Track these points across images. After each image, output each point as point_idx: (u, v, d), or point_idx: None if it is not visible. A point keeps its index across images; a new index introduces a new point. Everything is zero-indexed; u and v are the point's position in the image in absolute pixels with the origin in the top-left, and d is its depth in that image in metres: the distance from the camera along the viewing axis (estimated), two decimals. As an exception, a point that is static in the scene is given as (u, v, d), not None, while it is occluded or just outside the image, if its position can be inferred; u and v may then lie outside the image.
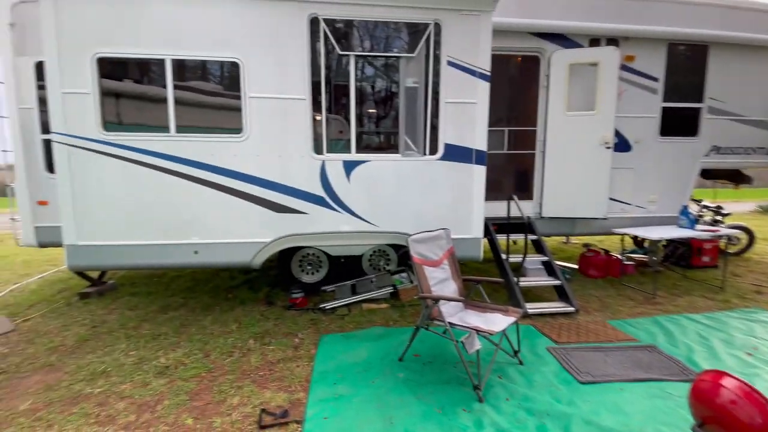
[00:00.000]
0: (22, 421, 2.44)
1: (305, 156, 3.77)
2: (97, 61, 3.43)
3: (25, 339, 3.68)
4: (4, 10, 4.16)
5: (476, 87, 3.90)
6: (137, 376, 2.98)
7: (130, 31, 3.45)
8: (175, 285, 5.31)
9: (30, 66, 4.27)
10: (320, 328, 3.84)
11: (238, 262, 3.89)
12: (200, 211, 3.71)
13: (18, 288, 5.34)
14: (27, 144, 4.31)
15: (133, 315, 4.21)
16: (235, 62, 3.58)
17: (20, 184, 4.35)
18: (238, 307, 4.41)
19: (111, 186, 3.57)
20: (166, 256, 3.73)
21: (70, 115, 3.44)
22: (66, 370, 3.08)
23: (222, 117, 3.73)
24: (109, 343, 3.55)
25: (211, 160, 3.66)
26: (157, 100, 3.61)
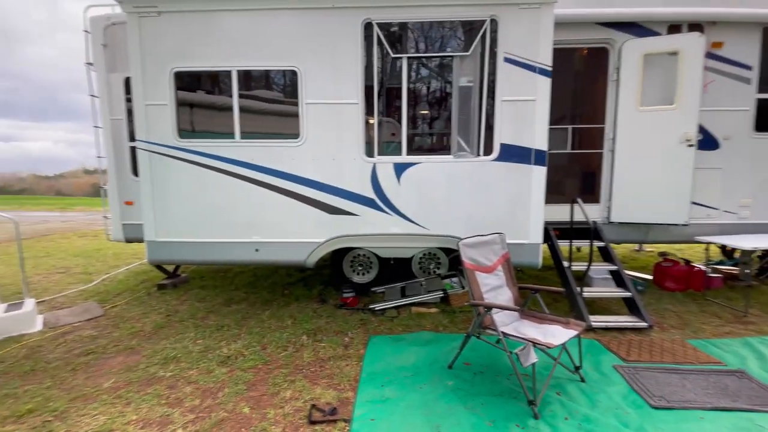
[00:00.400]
0: (105, 398, 2.76)
1: (357, 159, 3.83)
2: (174, 75, 3.79)
3: (112, 324, 4.16)
4: (98, 33, 4.76)
5: (536, 83, 3.69)
6: (202, 364, 3.22)
7: (201, 47, 3.76)
8: (239, 280, 5.69)
9: (120, 81, 4.83)
10: (369, 328, 3.87)
11: (294, 261, 4.06)
12: (261, 212, 3.94)
13: (108, 278, 6.06)
14: (117, 150, 4.89)
15: (202, 306, 4.58)
16: (293, 71, 3.75)
17: (111, 186, 4.94)
18: (294, 304, 4.61)
19: (184, 188, 3.92)
20: (230, 253, 4.01)
21: (151, 124, 3.84)
22: (144, 354, 3.43)
23: (281, 123, 3.92)
24: (180, 331, 3.89)
25: (271, 164, 3.87)
26: (224, 108, 3.89)
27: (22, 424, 2.46)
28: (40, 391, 2.83)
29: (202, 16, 3.73)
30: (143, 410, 2.60)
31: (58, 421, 2.49)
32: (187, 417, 2.51)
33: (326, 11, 3.67)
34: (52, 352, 3.51)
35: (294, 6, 3.67)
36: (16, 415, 2.54)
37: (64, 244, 9.16)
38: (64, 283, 5.80)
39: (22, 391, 2.85)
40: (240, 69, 3.77)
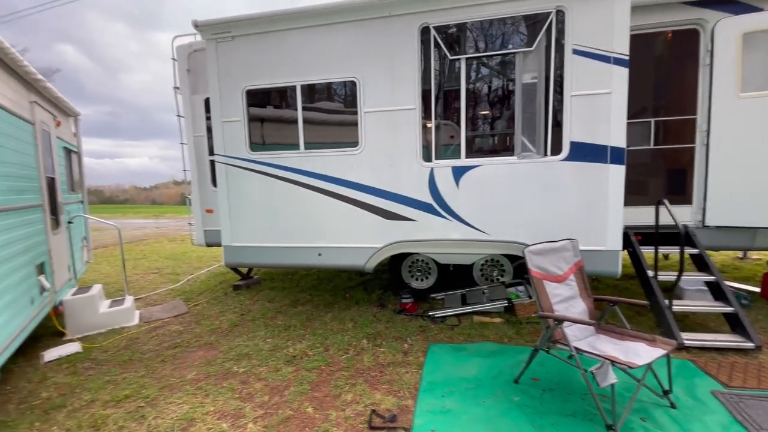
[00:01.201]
0: (188, 389, 3.04)
1: (414, 164, 3.81)
2: (246, 93, 4.11)
3: (195, 320, 4.59)
4: (183, 59, 5.33)
5: (611, 75, 3.38)
6: (271, 362, 3.41)
7: (268, 65, 4.03)
8: (304, 282, 5.97)
9: (201, 102, 5.36)
10: (429, 335, 3.81)
11: (354, 265, 4.14)
12: (323, 218, 4.09)
13: (192, 278, 6.73)
14: (199, 164, 5.41)
15: (271, 307, 4.88)
16: (353, 81, 3.86)
17: (194, 195, 5.48)
18: (354, 307, 4.70)
19: (255, 197, 4.22)
20: (296, 257, 4.22)
21: (227, 139, 4.20)
22: (221, 349, 3.73)
23: (341, 132, 4.05)
24: (252, 330, 4.17)
25: (332, 172, 4.01)
26: (289, 121, 4.12)
27: (120, 408, 2.80)
28: (135, 379, 3.20)
29: (268, 36, 4.00)
30: (219, 402, 2.82)
31: (150, 408, 2.79)
32: (257, 412, 2.67)
33: (383, 20, 3.72)
34: (146, 344, 3.96)
35: (351, 19, 3.78)
36: (116, 399, 2.90)
37: (157, 248, 10.38)
38: (156, 282, 6.56)
39: (121, 378, 3.25)
40: (303, 83, 3.97)
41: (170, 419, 2.63)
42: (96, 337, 4.17)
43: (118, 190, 65.88)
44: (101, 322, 4.40)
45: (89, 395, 2.97)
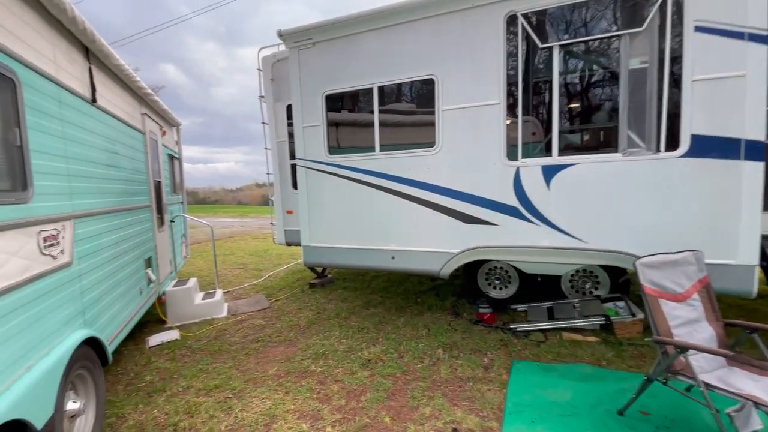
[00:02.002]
0: (270, 384, 3.14)
1: (497, 163, 3.54)
2: (325, 98, 4.19)
3: (275, 316, 4.81)
4: (267, 69, 5.65)
5: (745, 54, 2.79)
6: (347, 364, 3.40)
7: (346, 68, 4.07)
8: (375, 284, 5.97)
9: (283, 109, 5.64)
10: (511, 351, 3.50)
11: (428, 270, 3.99)
12: (397, 221, 4.00)
13: (273, 275, 7.13)
14: (281, 168, 5.70)
15: (345, 307, 4.93)
16: (430, 78, 3.72)
17: (276, 197, 5.79)
18: (426, 313, 4.54)
19: (331, 199, 4.28)
20: (369, 259, 4.19)
21: (307, 143, 4.33)
22: (299, 347, 3.83)
23: (417, 133, 3.93)
24: (327, 329, 4.23)
25: (408, 174, 3.91)
26: (365, 124, 4.12)
27: (210, 397, 2.98)
28: (224, 370, 3.41)
29: (346, 40, 4.03)
30: (299, 401, 2.86)
31: (236, 399, 2.93)
32: (334, 416, 2.65)
33: (464, 12, 3.52)
34: (233, 335, 4.23)
35: (431, 14, 3.64)
36: (207, 388, 3.10)
37: (242, 245, 11.27)
38: (242, 277, 7.06)
39: (211, 367, 3.48)
40: (380, 84, 3.93)
41: (254, 413, 2.73)
42: (191, 326, 4.56)
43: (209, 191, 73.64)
44: (196, 313, 4.81)
45: (185, 382, 3.22)
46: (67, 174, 2.40)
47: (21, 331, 1.79)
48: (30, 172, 1.96)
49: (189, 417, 2.72)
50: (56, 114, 2.30)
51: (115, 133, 3.38)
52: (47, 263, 2.06)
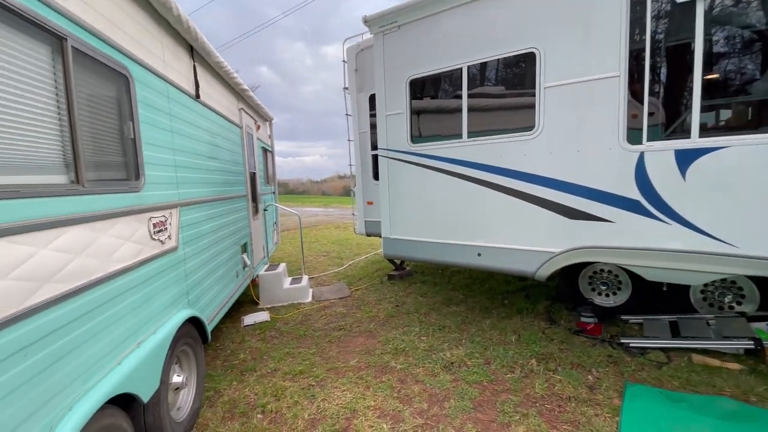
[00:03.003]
0: (351, 376, 3.10)
1: (614, 148, 2.98)
2: (409, 83, 3.99)
3: (356, 305, 4.84)
4: (352, 60, 5.63)
5: None
6: (428, 364, 3.23)
7: (432, 50, 3.80)
8: (456, 280, 5.68)
9: (365, 99, 5.59)
10: (623, 371, 2.97)
11: (521, 271, 3.59)
12: (485, 214, 3.66)
13: (353, 264, 7.26)
14: (363, 159, 5.69)
15: (424, 302, 4.75)
16: (530, 53, 3.27)
17: (357, 188, 5.81)
18: (516, 316, 4.14)
19: (413, 190, 4.10)
20: (452, 255, 3.92)
21: (390, 132, 4.19)
22: (379, 339, 3.76)
23: (511, 116, 3.52)
24: (407, 324, 4.10)
25: (499, 162, 3.53)
26: (451, 109, 3.82)
27: (296, 382, 3.05)
28: (308, 356, 3.48)
29: (433, 19, 3.76)
30: (379, 398, 2.76)
31: (318, 388, 2.95)
32: (416, 420, 2.50)
33: (575, -29, 2.99)
34: (317, 321, 4.34)
35: (533, -22, 3.17)
36: (292, 373, 3.18)
37: (326, 233, 11.78)
38: (325, 264, 7.33)
39: (297, 352, 3.59)
40: (471, 64, 3.59)
41: (335, 405, 2.71)
42: (280, 309, 4.82)
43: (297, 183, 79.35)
44: (284, 297, 5.08)
45: (273, 364, 3.36)
46: (174, 165, 2.58)
47: (133, 310, 1.94)
48: (142, 163, 2.12)
49: (275, 400, 2.81)
50: (165, 109, 2.47)
51: (215, 127, 3.62)
52: (156, 248, 2.23)
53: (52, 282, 1.37)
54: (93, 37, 1.70)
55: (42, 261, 1.32)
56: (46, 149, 1.44)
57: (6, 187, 1.22)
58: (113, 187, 1.84)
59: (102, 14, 1.79)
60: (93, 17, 1.71)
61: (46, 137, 1.44)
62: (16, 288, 1.21)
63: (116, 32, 1.90)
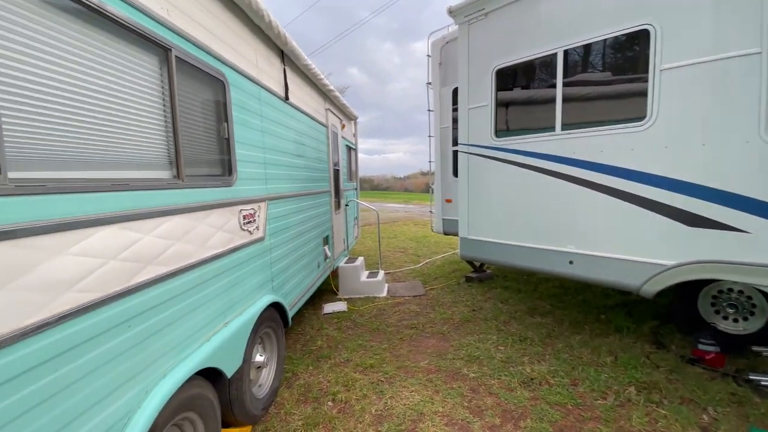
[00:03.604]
0: (420, 377, 3.04)
1: (753, 141, 2.38)
2: (496, 73, 3.74)
3: (430, 305, 4.75)
4: (436, 54, 5.49)
5: None
6: (504, 376, 3.00)
7: (523, 35, 3.49)
8: (543, 288, 5.21)
9: (448, 94, 5.42)
10: (749, 413, 2.40)
11: (622, 284, 3.11)
12: (580, 217, 3.26)
13: (429, 262, 7.15)
14: (443, 155, 5.54)
15: (504, 309, 4.45)
16: (643, 30, 2.79)
17: (436, 185, 5.68)
18: (613, 335, 3.63)
19: (495, 188, 3.84)
20: (538, 261, 3.58)
21: (472, 127, 3.99)
22: (452, 343, 3.62)
23: (616, 105, 3.06)
24: (483, 330, 3.89)
25: (599, 157, 3.10)
26: (542, 100, 3.48)
27: (366, 375, 3.09)
28: (379, 350, 3.51)
29: (525, 2, 3.44)
30: (448, 405, 2.65)
31: (387, 384, 2.95)
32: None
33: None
34: (391, 317, 4.36)
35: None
36: (363, 366, 3.23)
37: (404, 230, 11.86)
38: (401, 260, 7.36)
39: (369, 345, 3.65)
40: (567, 48, 3.21)
41: (403, 405, 2.67)
42: (356, 301, 4.96)
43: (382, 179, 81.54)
44: (361, 289, 5.22)
45: (346, 354, 3.47)
46: (263, 162, 2.79)
47: (222, 293, 2.15)
48: (235, 161, 2.32)
49: (346, 390, 2.88)
50: (256, 110, 2.68)
51: (302, 127, 3.84)
52: (245, 237, 2.44)
53: (154, 264, 1.56)
54: (194, 47, 1.90)
55: (146, 245, 1.52)
56: (152, 148, 1.65)
57: (118, 180, 1.42)
58: (209, 181, 2.05)
59: (202, 25, 1.99)
60: (194, 28, 1.91)
61: (152, 137, 1.65)
62: (123, 268, 1.40)
63: (214, 41, 2.10)
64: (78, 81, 1.28)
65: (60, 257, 1.14)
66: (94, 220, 1.27)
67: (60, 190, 1.16)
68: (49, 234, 1.11)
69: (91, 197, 1.27)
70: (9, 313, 0.99)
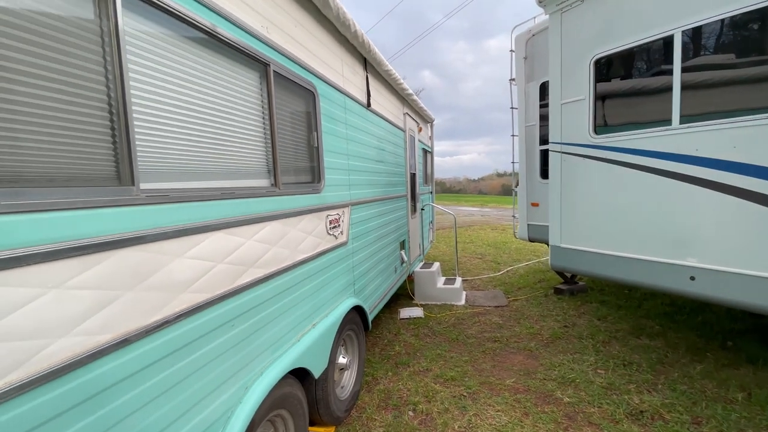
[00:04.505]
0: (506, 396, 2.82)
1: None
2: (594, 63, 3.35)
3: (514, 317, 4.43)
4: (521, 48, 5.15)
5: None
6: (606, 405, 2.65)
7: (628, 18, 3.08)
8: (648, 305, 4.55)
9: (535, 89, 5.05)
10: None
11: (762, 306, 2.55)
12: (705, 226, 2.75)
13: (511, 270, 6.73)
14: (529, 155, 5.17)
15: (602, 327, 3.97)
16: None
17: (521, 188, 5.32)
18: (745, 367, 3.01)
19: (595, 191, 3.43)
20: (650, 276, 3.10)
21: (565, 123, 3.63)
22: (541, 362, 3.32)
23: (758, 90, 2.52)
24: (578, 350, 3.50)
25: (733, 155, 2.58)
26: (654, 90, 3.02)
27: (447, 388, 2.96)
28: (460, 362, 3.36)
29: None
30: (540, 431, 2.42)
31: (470, 400, 2.79)
32: (588, 472, 2.07)
33: None
34: (470, 328, 4.17)
35: None
36: (443, 377, 3.11)
37: (481, 234, 11.39)
38: (479, 267, 7.05)
39: (449, 355, 3.51)
40: (688, 27, 2.74)
41: (488, 424, 2.50)
42: (433, 308, 4.85)
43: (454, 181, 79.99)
44: (437, 296, 5.09)
45: (425, 363, 3.38)
46: (347, 169, 2.85)
47: (311, 295, 2.22)
48: (323, 168, 2.39)
49: (426, 401, 2.79)
50: (341, 119, 2.75)
51: (382, 132, 3.87)
52: (330, 242, 2.50)
53: (254, 267, 1.65)
54: (288, 61, 2.00)
55: (247, 249, 1.61)
56: (253, 158, 1.76)
57: (226, 189, 1.53)
58: (301, 189, 2.13)
59: (296, 39, 2.08)
60: (289, 43, 2.01)
61: (254, 148, 1.75)
62: (229, 270, 1.50)
63: (306, 54, 2.19)
64: (193, 99, 1.40)
65: (179, 260, 1.25)
66: (207, 226, 1.37)
67: (180, 199, 1.27)
68: (171, 239, 1.22)
69: (204, 205, 1.38)
70: (136, 311, 1.10)
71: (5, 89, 0.86)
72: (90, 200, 0.99)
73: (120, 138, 1.09)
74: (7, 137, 0.86)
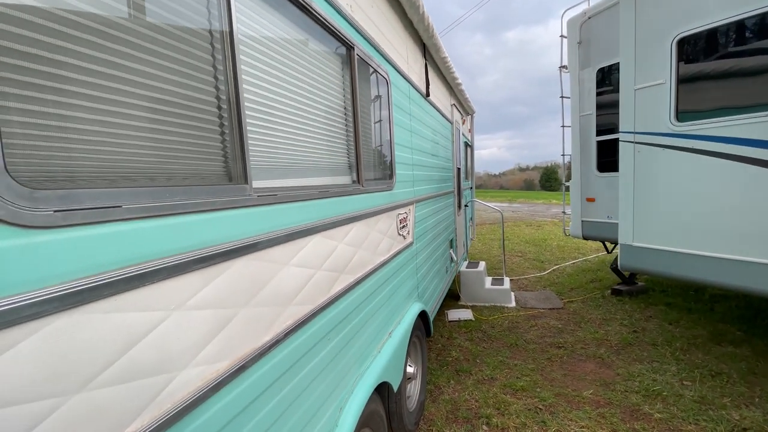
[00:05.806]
0: (588, 410, 2.57)
1: None
2: (677, 44, 3.03)
3: (573, 321, 4.15)
4: (574, 32, 4.81)
5: None
6: (704, 422, 2.38)
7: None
8: (722, 308, 4.18)
9: (591, 76, 4.70)
10: None
11: None
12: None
13: (558, 269, 6.40)
14: (583, 147, 4.84)
15: (677, 333, 3.65)
16: None
17: (573, 182, 5.00)
18: None
19: (677, 184, 3.12)
20: (744, 277, 2.78)
21: (640, 111, 3.32)
22: (617, 371, 3.05)
23: None
24: (655, 358, 3.21)
25: None
26: (753, 71, 2.69)
27: (519, 399, 2.74)
28: (527, 372, 3.12)
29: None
30: (637, 453, 2.17)
31: (548, 414, 2.56)
32: (709, 505, 1.82)
33: None
34: (527, 332, 3.92)
35: None
36: (512, 388, 2.88)
37: (516, 231, 11.01)
38: (522, 266, 6.74)
39: (512, 363, 3.28)
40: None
41: (575, 443, 2.27)
42: (482, 310, 4.61)
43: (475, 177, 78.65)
44: (485, 297, 4.85)
45: (488, 371, 3.16)
46: (411, 163, 2.66)
47: (386, 301, 2.05)
48: (394, 163, 2.21)
49: (500, 414, 2.59)
50: (407, 109, 2.55)
51: (436, 124, 3.65)
52: (400, 242, 2.32)
53: (344, 273, 1.49)
54: (368, 45, 1.81)
55: (340, 253, 1.45)
56: (339, 152, 1.58)
57: (322, 187, 1.36)
58: (379, 186, 1.95)
59: (373, 22, 1.89)
60: (369, 26, 1.82)
61: (339, 141, 1.58)
62: (325, 278, 1.33)
63: (381, 37, 2.00)
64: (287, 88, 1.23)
65: (286, 269, 1.09)
66: (309, 228, 1.21)
67: (286, 199, 1.11)
68: (280, 245, 1.06)
69: (306, 206, 1.22)
70: (249, 330, 0.94)
71: (124, 91, 0.70)
72: (210, 201, 0.83)
73: (232, 130, 0.93)
74: (129, 136, 0.71)
